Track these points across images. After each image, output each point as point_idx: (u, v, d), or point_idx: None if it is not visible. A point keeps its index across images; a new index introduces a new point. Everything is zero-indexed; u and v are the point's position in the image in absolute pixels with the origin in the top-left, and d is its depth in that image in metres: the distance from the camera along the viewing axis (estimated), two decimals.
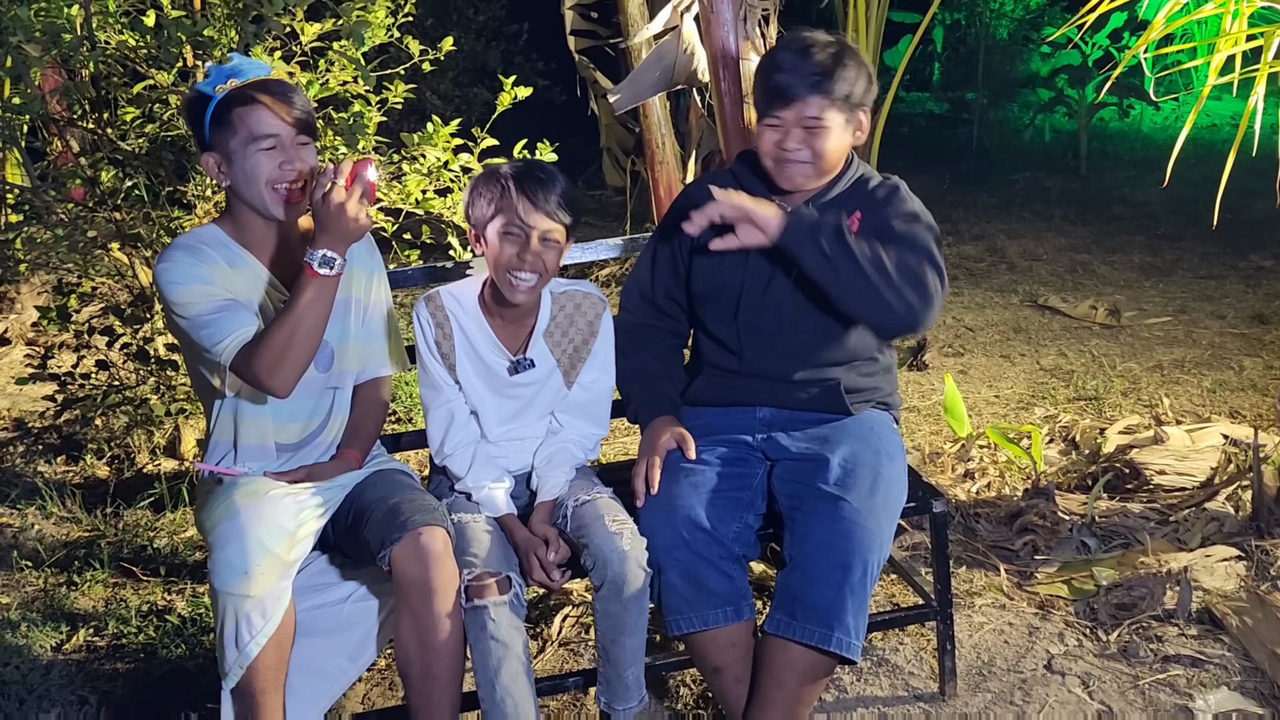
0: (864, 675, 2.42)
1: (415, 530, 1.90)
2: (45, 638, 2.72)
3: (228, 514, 1.86)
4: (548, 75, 7.28)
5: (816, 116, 2.07)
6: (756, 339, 2.17)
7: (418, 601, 1.90)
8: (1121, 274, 5.62)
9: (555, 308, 2.17)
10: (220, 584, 1.84)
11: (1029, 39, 9.18)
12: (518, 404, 2.19)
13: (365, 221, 1.88)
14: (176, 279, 1.95)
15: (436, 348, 2.15)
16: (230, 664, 1.87)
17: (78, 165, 3.47)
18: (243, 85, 1.98)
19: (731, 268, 2.17)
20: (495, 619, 1.92)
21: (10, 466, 3.73)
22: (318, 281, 1.89)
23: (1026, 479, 3.24)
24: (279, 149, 1.97)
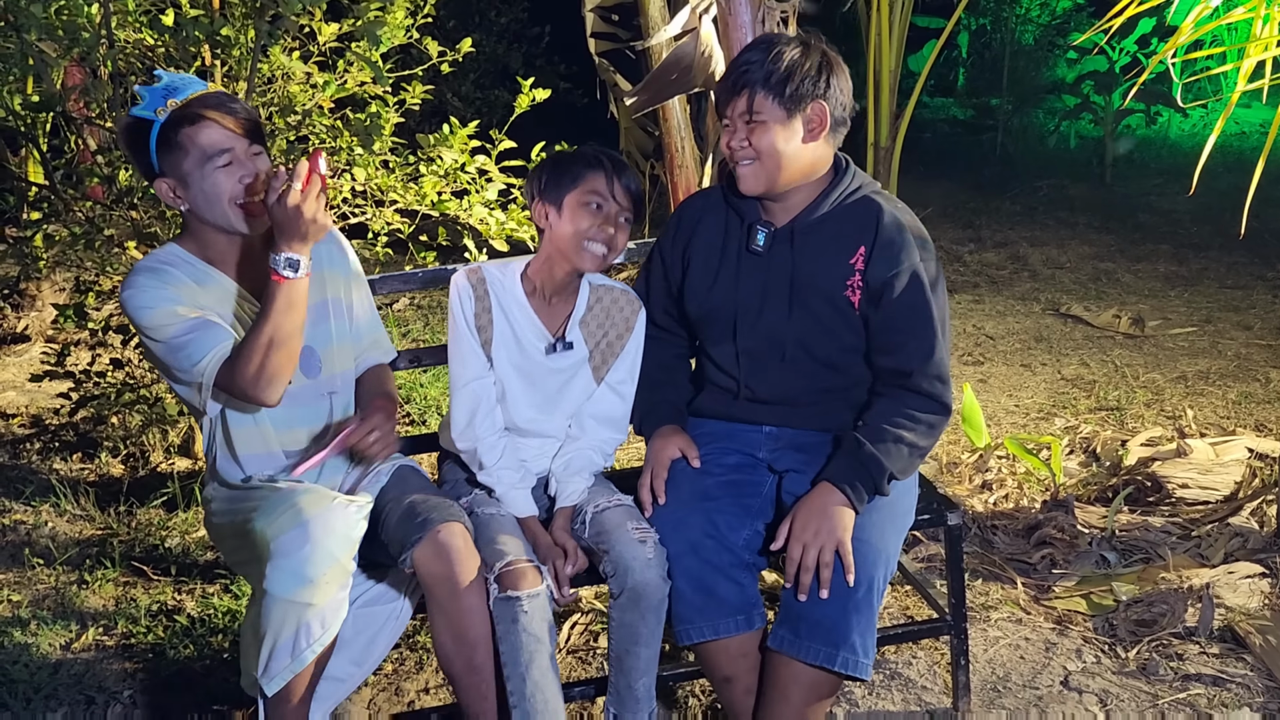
0: (876, 689, 2.38)
1: (434, 529, 1.90)
2: (54, 636, 2.72)
3: (294, 521, 1.81)
4: (569, 78, 7.27)
5: (747, 110, 1.97)
6: (755, 364, 2.11)
7: (446, 598, 1.90)
8: (1146, 283, 5.55)
9: (593, 298, 2.17)
10: (281, 591, 1.81)
11: (1055, 44, 9.10)
12: (546, 393, 2.16)
13: (324, 220, 1.86)
14: (145, 303, 1.92)
15: (474, 319, 2.11)
16: (280, 670, 1.85)
17: (96, 164, 3.48)
18: (184, 104, 1.92)
19: (723, 292, 2.11)
20: (528, 611, 1.90)
21: (26, 463, 3.74)
22: (286, 286, 1.87)
23: (1045, 491, 3.19)
24: (235, 163, 1.94)
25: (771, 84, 1.96)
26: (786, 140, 1.99)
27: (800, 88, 1.97)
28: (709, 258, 2.13)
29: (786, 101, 1.97)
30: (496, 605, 1.91)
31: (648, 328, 2.26)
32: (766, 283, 2.06)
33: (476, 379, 2.11)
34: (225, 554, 2.16)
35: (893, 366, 2.03)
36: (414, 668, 2.57)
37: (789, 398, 2.12)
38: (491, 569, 1.93)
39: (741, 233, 2.10)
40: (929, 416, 2.00)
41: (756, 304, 2.07)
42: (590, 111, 7.02)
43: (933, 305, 2.01)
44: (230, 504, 2.03)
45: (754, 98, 1.98)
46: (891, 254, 2.00)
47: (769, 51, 1.99)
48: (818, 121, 1.99)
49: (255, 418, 2.04)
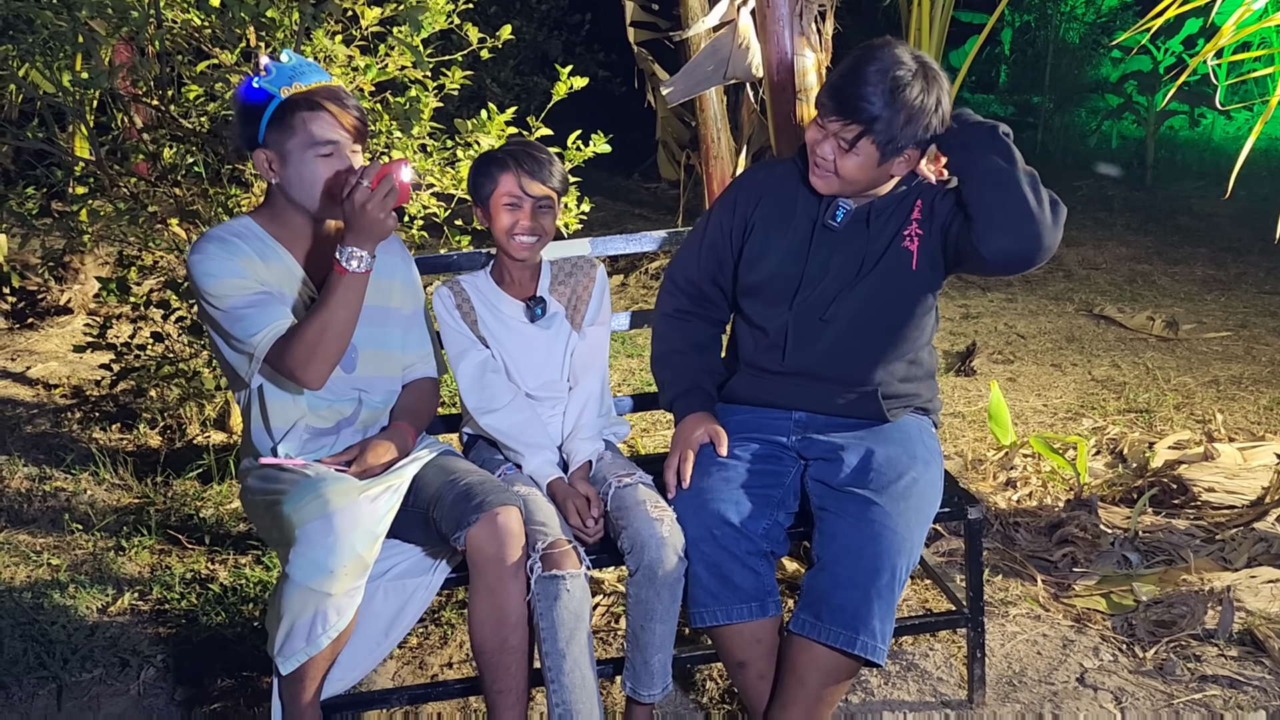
0: (892, 679, 2.40)
1: (492, 510, 1.96)
2: (92, 600, 2.80)
3: (320, 511, 1.87)
4: (608, 67, 7.30)
5: (848, 142, 2.01)
6: (803, 334, 2.15)
7: (494, 578, 1.96)
8: (1182, 286, 5.50)
9: (554, 269, 2.37)
10: (302, 578, 1.86)
11: (1099, 43, 9.00)
12: (543, 355, 2.30)
13: (389, 223, 1.93)
14: (211, 270, 2.00)
15: (457, 310, 2.30)
16: (294, 651, 1.92)
17: (141, 141, 3.55)
18: (309, 89, 2.02)
19: (789, 261, 2.15)
20: (570, 590, 1.96)
21: (67, 432, 3.83)
22: (347, 278, 1.95)
23: (1069, 490, 3.19)
24: (336, 156, 2.03)
25: (884, 134, 1.98)
26: (869, 171, 2.05)
27: (903, 139, 2.00)
28: (777, 227, 2.18)
29: (887, 149, 2.01)
30: (539, 583, 1.97)
31: (687, 300, 2.34)
32: (836, 257, 2.12)
33: (472, 348, 2.28)
34: (257, 527, 2.22)
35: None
36: (438, 643, 2.62)
37: (828, 373, 2.16)
38: (534, 547, 1.99)
39: (815, 207, 2.15)
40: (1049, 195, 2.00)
41: (820, 276, 2.13)
42: (627, 100, 7.05)
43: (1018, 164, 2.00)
44: (264, 481, 2.09)
45: (859, 137, 2.00)
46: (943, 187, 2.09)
47: (893, 93, 1.96)
48: (907, 162, 2.06)
49: (293, 395, 2.10)
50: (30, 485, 3.44)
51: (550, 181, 2.22)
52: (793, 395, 2.19)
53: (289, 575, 1.87)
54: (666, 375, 2.33)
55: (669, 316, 2.35)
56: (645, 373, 4.35)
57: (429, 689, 2.24)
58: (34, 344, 4.85)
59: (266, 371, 2.06)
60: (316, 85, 2.03)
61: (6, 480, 3.46)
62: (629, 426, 2.43)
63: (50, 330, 5.02)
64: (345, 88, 2.10)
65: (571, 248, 2.50)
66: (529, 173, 2.19)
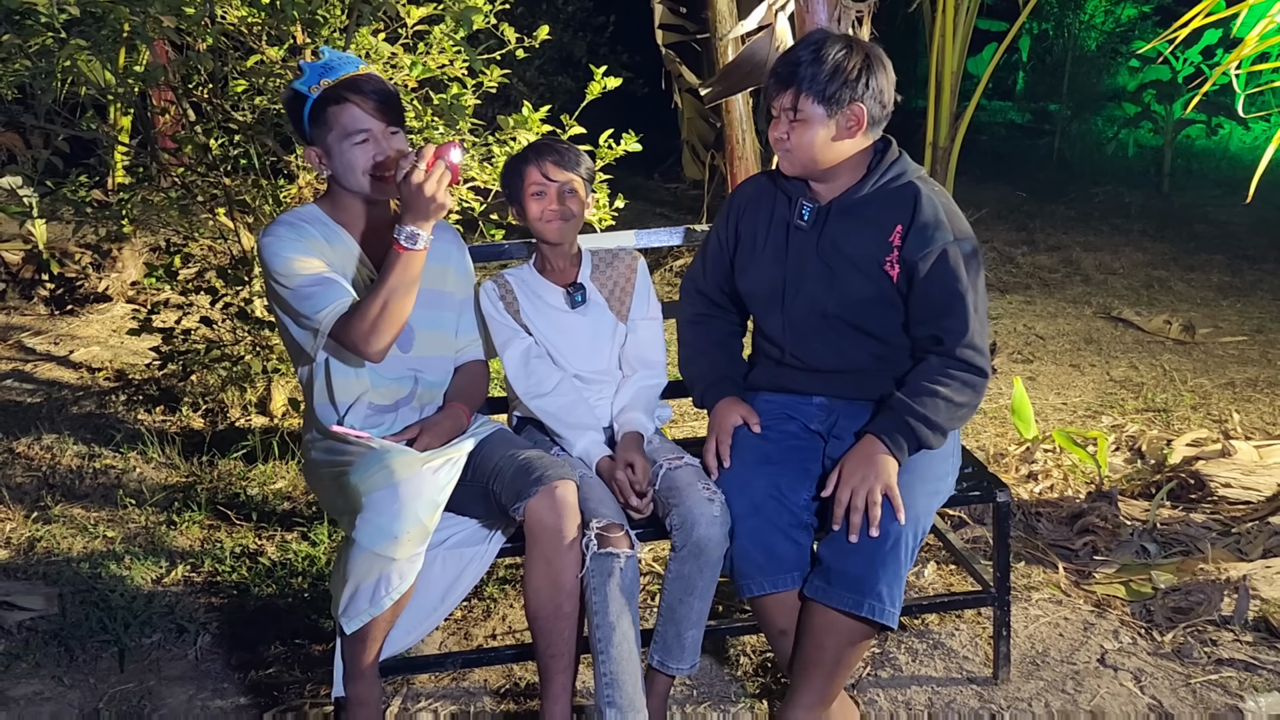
0: (919, 656, 2.50)
1: (551, 484, 2.07)
2: (146, 571, 2.92)
3: (386, 480, 1.98)
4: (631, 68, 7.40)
5: (791, 108, 2.13)
6: (800, 334, 2.26)
7: (550, 548, 2.07)
8: (1199, 292, 5.59)
9: (595, 259, 2.47)
10: (367, 543, 1.97)
11: (1118, 52, 9.08)
12: (587, 340, 2.39)
13: (444, 201, 2.06)
14: (280, 251, 2.14)
15: (501, 301, 2.40)
16: (359, 612, 2.03)
17: (191, 132, 3.67)
18: (334, 84, 2.15)
19: (770, 265, 2.27)
20: (623, 568, 2.07)
21: (113, 413, 3.96)
22: (405, 256, 2.08)
23: (1090, 483, 3.28)
24: (371, 142, 2.15)
25: (815, 86, 2.11)
26: (824, 137, 2.15)
27: (841, 91, 2.11)
28: (757, 234, 2.31)
29: (827, 103, 2.12)
30: (594, 559, 2.07)
31: (701, 306, 2.47)
32: (810, 256, 2.22)
33: (515, 337, 2.37)
34: (320, 498, 2.33)
35: (929, 336, 2.17)
36: (482, 615, 2.73)
37: (835, 365, 2.26)
38: (589, 526, 2.09)
39: (788, 210, 2.26)
40: (965, 375, 2.13)
41: (799, 276, 2.23)
42: (650, 101, 7.16)
43: (965, 282, 2.14)
44: (329, 453, 2.20)
45: (798, 97, 2.12)
46: (926, 234, 2.14)
47: (816, 52, 2.13)
48: (855, 121, 2.14)
49: (355, 371, 2.22)
50: (81, 463, 3.56)
51: (572, 168, 2.34)
52: (810, 383, 2.30)
53: (355, 540, 1.98)
54: (694, 373, 2.44)
55: (689, 322, 2.48)
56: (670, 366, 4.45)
57: (481, 654, 2.35)
58: (75, 329, 4.97)
59: (330, 347, 2.18)
60: (342, 78, 2.15)
61: (58, 457, 3.58)
62: (671, 410, 2.53)
63: (90, 316, 5.15)
64: (376, 73, 2.20)
65: (616, 239, 2.61)
66: (552, 162, 2.32)
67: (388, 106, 2.15)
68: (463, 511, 2.22)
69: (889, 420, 2.11)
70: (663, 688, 2.23)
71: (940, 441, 2.14)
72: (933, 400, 2.10)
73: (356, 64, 2.17)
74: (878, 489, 2.02)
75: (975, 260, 2.18)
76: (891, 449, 2.07)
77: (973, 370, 2.14)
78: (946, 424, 2.12)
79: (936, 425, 2.10)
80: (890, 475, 2.04)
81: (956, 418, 2.14)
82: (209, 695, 2.45)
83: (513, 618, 2.70)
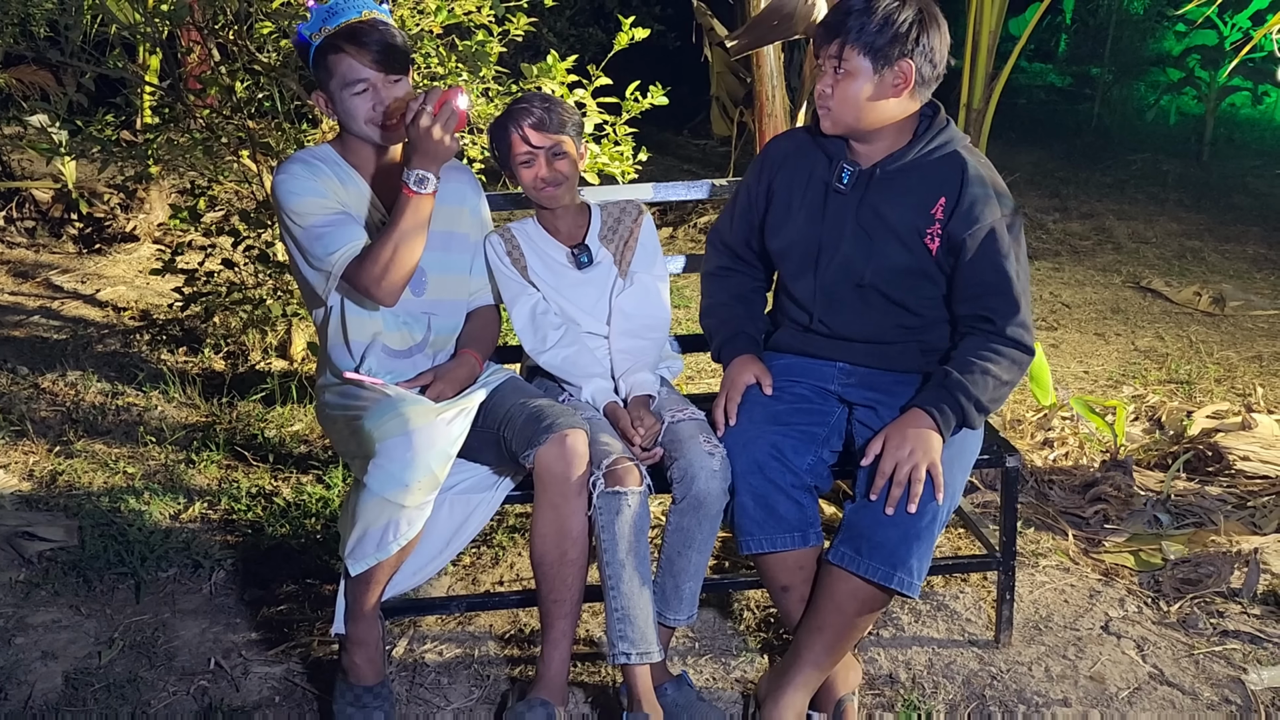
0: (922, 617, 2.51)
1: (561, 432, 2.08)
2: (165, 507, 2.97)
3: (400, 429, 1.99)
4: (663, 20, 7.31)
5: (837, 58, 2.07)
6: (831, 299, 2.21)
7: (558, 495, 2.08)
8: (1232, 263, 5.49)
9: (604, 214, 2.43)
10: (378, 489, 1.99)
11: (1164, 15, 8.86)
12: (591, 295, 2.38)
13: (451, 144, 2.06)
14: (295, 190, 2.14)
15: (508, 256, 2.38)
16: (365, 555, 2.06)
17: (216, 73, 3.67)
18: (333, 32, 2.12)
19: (806, 226, 2.21)
20: (631, 505, 2.08)
21: (137, 352, 4.01)
22: (414, 200, 2.08)
23: (1105, 452, 3.26)
24: (370, 92, 2.13)
25: (863, 37, 2.05)
26: (869, 93, 2.08)
27: (890, 45, 2.04)
28: (793, 193, 2.24)
29: (875, 57, 2.05)
30: (602, 498, 2.08)
31: (726, 259, 2.44)
32: (847, 221, 2.16)
33: (523, 293, 2.36)
34: (333, 440, 2.36)
35: (976, 313, 2.13)
36: (489, 562, 2.76)
37: (863, 335, 2.22)
38: (599, 465, 2.10)
39: (828, 171, 2.20)
40: (1013, 353, 2.10)
41: (835, 240, 2.17)
42: (680, 55, 7.08)
43: (1014, 261, 2.11)
44: (343, 398, 2.22)
45: (845, 47, 2.06)
46: (975, 210, 2.09)
47: (869, 1, 2.06)
48: (903, 79, 2.07)
49: (369, 312, 2.23)
50: (104, 400, 3.61)
51: (556, 129, 2.27)
52: (834, 349, 2.27)
53: (366, 485, 2.00)
54: (712, 325, 2.42)
55: (712, 274, 2.45)
56: (690, 322, 4.44)
57: (486, 598, 2.38)
58: (102, 269, 5.03)
59: (344, 289, 2.19)
60: (342, 25, 2.12)
61: (82, 394, 3.64)
62: (682, 362, 2.53)
63: (117, 256, 5.20)
64: (381, 17, 2.15)
65: (635, 192, 2.59)
66: (534, 126, 2.26)
67: (387, 56, 2.12)
68: (473, 458, 2.24)
69: (940, 396, 2.06)
70: (662, 638, 2.25)
71: (980, 422, 2.12)
72: (984, 378, 2.07)
73: (361, 8, 2.14)
74: (923, 465, 1.99)
75: (1020, 237, 2.14)
76: (941, 425, 2.04)
77: (1022, 349, 2.11)
78: (990, 404, 2.09)
79: (983, 405, 2.07)
80: (936, 452, 2.01)
81: (1000, 397, 2.11)
82: (221, 629, 2.50)
83: (520, 565, 2.73)
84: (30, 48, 3.84)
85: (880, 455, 2.02)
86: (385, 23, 2.16)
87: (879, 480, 2.00)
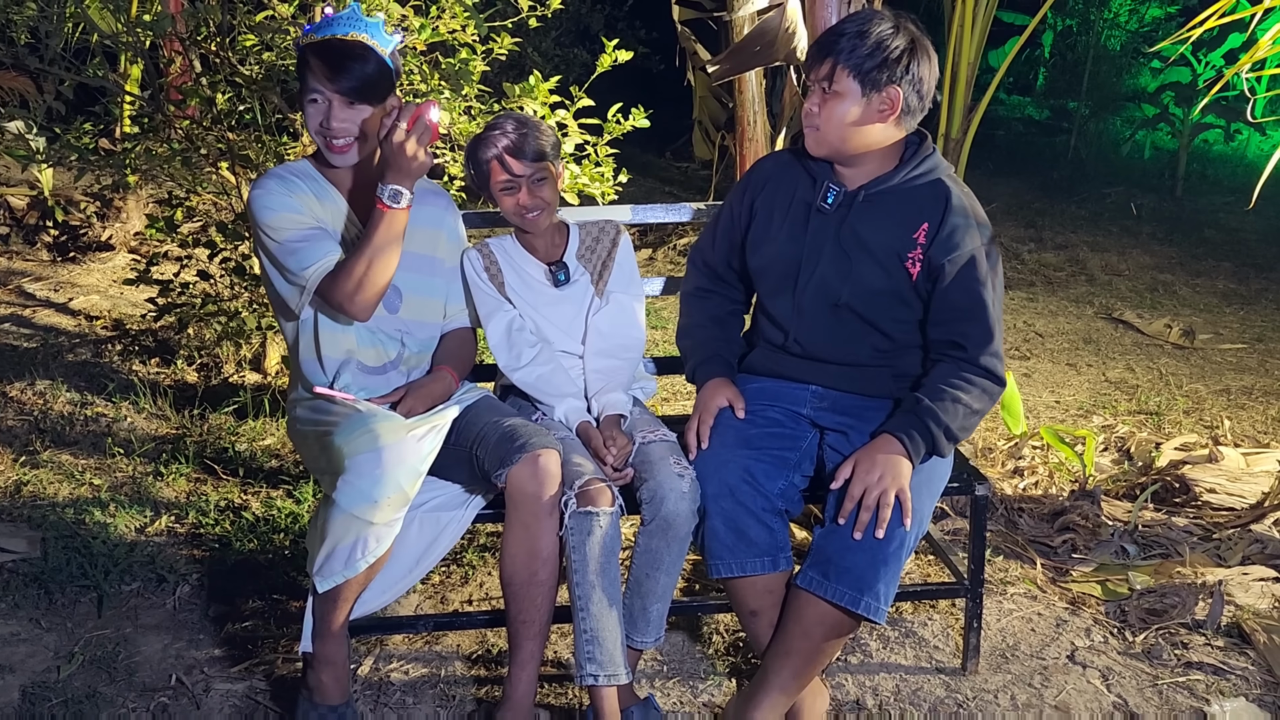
0: (890, 644, 2.51)
1: (534, 452, 2.07)
2: (131, 519, 2.94)
3: (370, 445, 1.99)
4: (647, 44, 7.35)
5: (827, 79, 2.09)
6: (808, 319, 2.23)
7: (529, 515, 2.08)
8: (1203, 297, 5.56)
9: (583, 233, 2.44)
10: (347, 505, 1.98)
11: (1140, 52, 8.99)
12: (568, 313, 2.38)
13: (425, 159, 2.07)
14: (270, 205, 2.14)
15: (485, 272, 2.37)
16: (333, 572, 2.05)
17: (198, 84, 3.66)
18: (315, 41, 2.12)
19: (787, 245, 2.22)
20: (602, 525, 2.08)
21: (108, 362, 3.97)
22: (388, 214, 2.09)
23: (1074, 482, 3.28)
24: (320, 106, 2.13)
25: (854, 60, 2.07)
26: (856, 116, 2.10)
27: (880, 70, 2.06)
28: (776, 211, 2.26)
29: (864, 80, 2.08)
30: (573, 518, 2.08)
31: (706, 280, 2.45)
32: (829, 241, 2.18)
33: (499, 309, 2.35)
34: (303, 456, 2.34)
35: (949, 339, 2.15)
36: (459, 581, 2.75)
37: (836, 356, 2.23)
38: (570, 485, 2.10)
39: (811, 191, 2.21)
40: (984, 382, 2.12)
41: (815, 259, 2.19)
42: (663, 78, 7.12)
43: (990, 290, 2.13)
44: (314, 413, 2.21)
45: (835, 68, 2.08)
46: (956, 236, 2.11)
47: (861, 26, 2.09)
48: (890, 106, 2.10)
49: (344, 328, 2.22)
50: (73, 409, 3.57)
51: (536, 156, 2.26)
52: (807, 371, 2.28)
53: (335, 501, 1.99)
54: (688, 346, 2.43)
55: (691, 295, 2.46)
56: (668, 344, 4.45)
57: (454, 618, 2.36)
58: (76, 277, 4.99)
59: (317, 304, 2.18)
60: (328, 38, 2.11)
61: (50, 403, 3.60)
62: (656, 384, 2.54)
63: (92, 265, 5.16)
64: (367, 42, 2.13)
65: (613, 213, 2.60)
66: (513, 154, 2.25)
67: (347, 80, 2.09)
68: (445, 476, 2.23)
69: (910, 422, 2.08)
70: (630, 661, 2.24)
71: (950, 450, 2.14)
72: (954, 406, 2.08)
73: (349, 28, 2.12)
74: (892, 491, 2.00)
75: (997, 264, 2.17)
76: (910, 451, 2.05)
77: (993, 378, 2.13)
78: (960, 433, 2.11)
79: (953, 433, 2.09)
80: (905, 478, 2.02)
81: (969, 426, 2.12)
82: (184, 645, 2.47)
83: (490, 585, 2.72)
84: (10, 54, 3.82)
85: (850, 480, 2.03)
86: (368, 48, 2.12)
87: (848, 504, 2.01)
